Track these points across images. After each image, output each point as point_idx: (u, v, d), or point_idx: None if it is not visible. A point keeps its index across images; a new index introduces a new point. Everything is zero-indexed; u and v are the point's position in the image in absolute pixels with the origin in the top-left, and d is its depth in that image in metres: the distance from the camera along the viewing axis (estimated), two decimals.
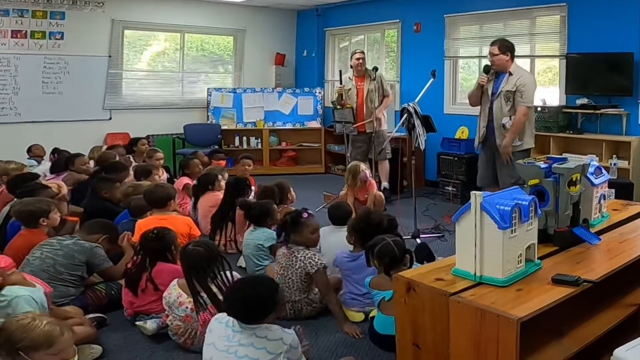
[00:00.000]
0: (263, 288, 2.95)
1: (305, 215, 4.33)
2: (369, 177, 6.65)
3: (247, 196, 5.94)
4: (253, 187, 6.51)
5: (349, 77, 8.00)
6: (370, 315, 3.91)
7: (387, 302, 3.55)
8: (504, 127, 5.80)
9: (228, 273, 3.66)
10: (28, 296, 3.26)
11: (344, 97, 7.95)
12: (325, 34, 11.17)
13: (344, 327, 3.93)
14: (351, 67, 8.05)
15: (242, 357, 2.80)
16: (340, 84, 8.07)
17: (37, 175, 6.21)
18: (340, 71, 8.47)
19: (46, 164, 7.49)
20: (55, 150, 8.03)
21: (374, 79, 7.76)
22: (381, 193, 6.93)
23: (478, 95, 6.05)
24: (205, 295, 3.54)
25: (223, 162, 8.11)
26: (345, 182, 6.76)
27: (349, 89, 7.96)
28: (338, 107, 8.04)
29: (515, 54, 5.95)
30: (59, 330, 2.64)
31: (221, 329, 2.93)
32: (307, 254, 4.15)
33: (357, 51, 8.06)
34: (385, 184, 7.85)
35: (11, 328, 2.55)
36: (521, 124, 5.77)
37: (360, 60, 7.87)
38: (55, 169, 6.93)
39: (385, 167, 7.94)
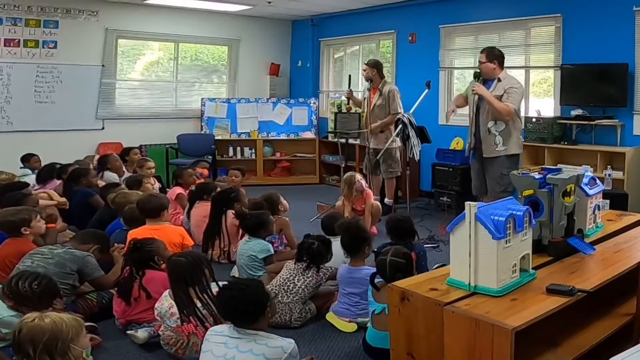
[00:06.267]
0: (249, 287, 3.01)
1: None
2: (364, 187, 6.62)
3: (235, 206, 5.85)
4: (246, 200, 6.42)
5: (368, 88, 7.76)
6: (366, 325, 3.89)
7: (377, 315, 3.54)
8: (489, 131, 5.83)
9: (214, 284, 3.63)
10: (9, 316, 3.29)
11: (349, 102, 7.88)
12: (320, 44, 11.19)
13: None
14: None
15: None
16: (349, 87, 7.99)
17: (26, 184, 6.17)
18: (349, 75, 8.48)
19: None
20: (25, 159, 7.82)
21: (382, 94, 7.50)
22: (378, 202, 6.90)
23: (463, 98, 6.29)
24: (189, 307, 3.52)
25: (206, 171, 8.15)
26: (341, 193, 6.74)
27: (364, 98, 7.82)
28: (344, 111, 7.99)
29: (509, 64, 6.04)
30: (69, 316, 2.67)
31: (218, 337, 2.94)
32: (328, 268, 4.38)
33: (365, 62, 7.83)
34: (388, 200, 7.75)
35: (47, 329, 2.49)
36: (504, 111, 5.82)
37: (365, 72, 7.62)
38: (41, 179, 6.85)
39: (391, 184, 7.79)
